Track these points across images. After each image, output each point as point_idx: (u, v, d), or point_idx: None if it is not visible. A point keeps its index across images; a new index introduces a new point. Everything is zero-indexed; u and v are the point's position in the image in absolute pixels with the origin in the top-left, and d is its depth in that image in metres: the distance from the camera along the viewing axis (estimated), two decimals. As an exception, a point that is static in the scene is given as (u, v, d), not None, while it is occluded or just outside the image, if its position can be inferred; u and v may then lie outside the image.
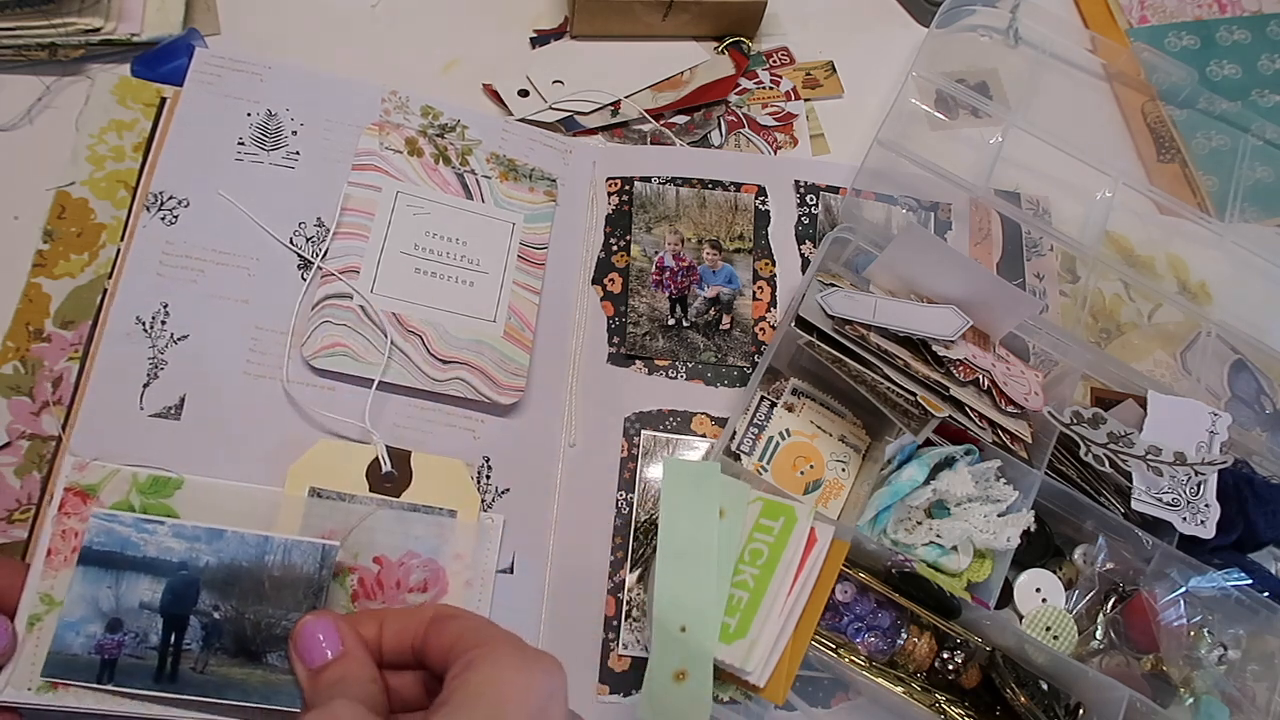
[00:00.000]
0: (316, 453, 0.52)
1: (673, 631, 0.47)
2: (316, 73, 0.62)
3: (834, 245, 0.62)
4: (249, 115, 0.60)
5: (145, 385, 0.52)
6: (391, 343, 0.55)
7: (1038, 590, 0.56)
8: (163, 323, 0.54)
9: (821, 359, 0.55)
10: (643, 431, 0.59)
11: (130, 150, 0.59)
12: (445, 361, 0.56)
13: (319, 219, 0.58)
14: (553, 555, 0.55)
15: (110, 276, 0.55)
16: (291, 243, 0.57)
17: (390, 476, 0.53)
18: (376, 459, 0.53)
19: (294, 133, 0.60)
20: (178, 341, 0.53)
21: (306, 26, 0.67)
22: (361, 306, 0.56)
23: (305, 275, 0.57)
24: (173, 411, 0.52)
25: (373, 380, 0.54)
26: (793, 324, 0.56)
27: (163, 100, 0.60)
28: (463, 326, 0.57)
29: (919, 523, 0.55)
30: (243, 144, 0.59)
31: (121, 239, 0.56)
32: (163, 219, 0.56)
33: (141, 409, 0.52)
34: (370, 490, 0.52)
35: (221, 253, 0.56)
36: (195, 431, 0.52)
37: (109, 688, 0.44)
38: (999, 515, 0.55)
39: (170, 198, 0.56)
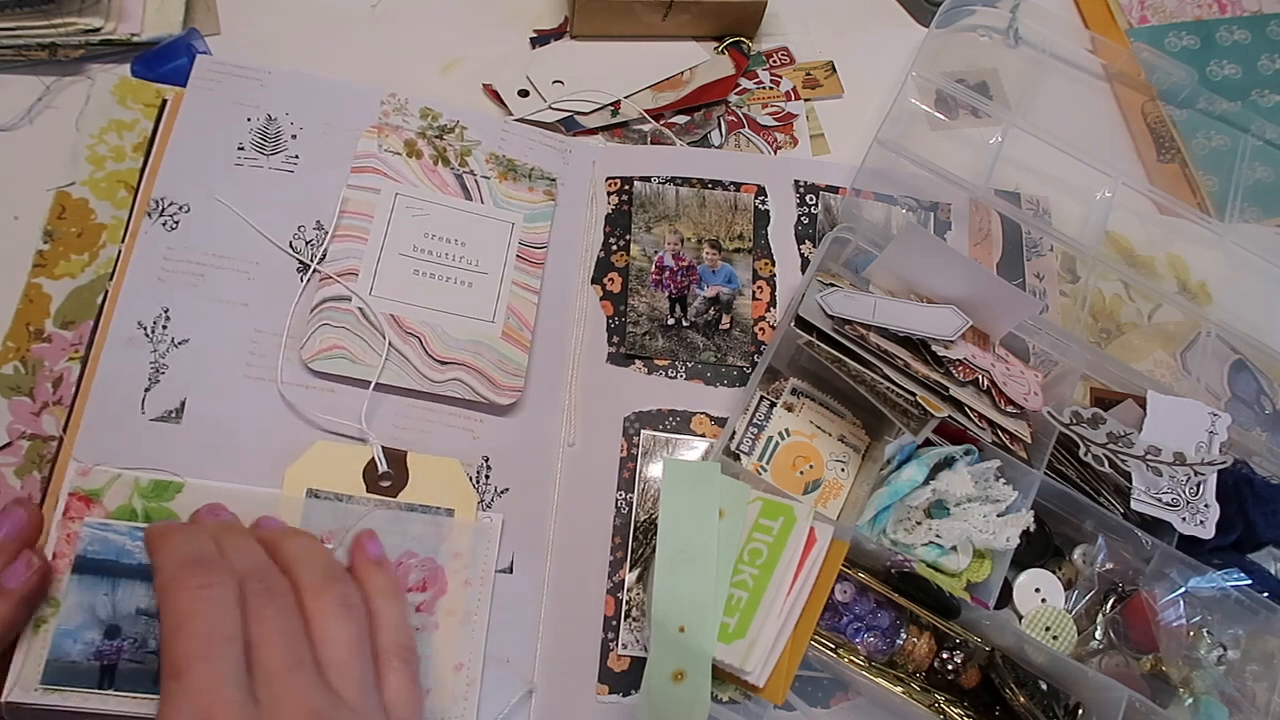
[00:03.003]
0: (313, 454, 0.52)
1: (672, 631, 0.47)
2: (316, 77, 0.62)
3: (834, 245, 0.62)
4: (249, 120, 0.60)
5: (147, 390, 0.52)
6: (389, 345, 0.55)
7: (1037, 590, 0.56)
8: (164, 327, 0.54)
9: (821, 359, 0.55)
10: (642, 431, 0.59)
11: (130, 150, 0.59)
12: (443, 363, 0.56)
13: (318, 222, 0.58)
14: (552, 555, 0.55)
15: (112, 278, 0.55)
16: (291, 246, 0.57)
17: (387, 476, 0.53)
18: (373, 459, 0.53)
19: (293, 137, 0.60)
20: (178, 345, 0.53)
21: (307, 26, 0.67)
22: (360, 309, 0.56)
23: (304, 278, 0.57)
24: (174, 415, 0.52)
25: (370, 382, 0.54)
26: (792, 324, 0.56)
27: (164, 102, 0.60)
28: (461, 327, 0.57)
29: (918, 523, 0.55)
30: (243, 149, 0.59)
31: (123, 240, 0.56)
32: (164, 224, 0.56)
33: (143, 413, 0.52)
34: (367, 491, 0.52)
35: (221, 257, 0.56)
36: (196, 435, 0.52)
37: (111, 692, 0.44)
38: (998, 515, 0.55)
39: (171, 203, 0.56)
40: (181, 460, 0.51)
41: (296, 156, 0.59)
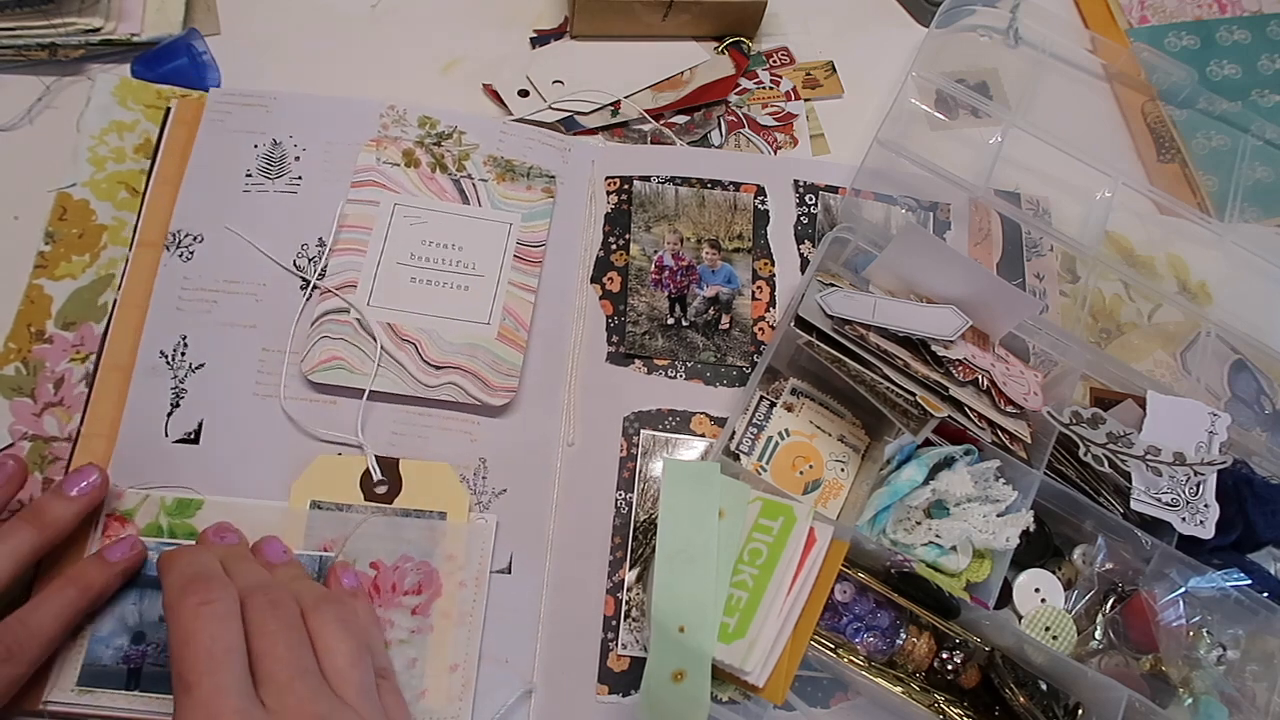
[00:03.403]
0: (315, 467, 0.53)
1: (671, 632, 0.47)
2: (317, 97, 0.63)
3: (833, 245, 0.62)
4: (256, 147, 0.61)
5: (169, 414, 0.54)
6: (383, 351, 0.56)
7: (1037, 590, 0.56)
8: (182, 354, 0.55)
9: (821, 359, 0.55)
10: (642, 431, 0.59)
11: (131, 152, 0.59)
12: (438, 367, 0.56)
13: (320, 239, 0.59)
14: (551, 555, 0.55)
15: (119, 288, 0.56)
16: (295, 265, 0.58)
17: (382, 484, 0.54)
18: (369, 468, 0.54)
19: (296, 158, 0.61)
20: (195, 370, 0.55)
21: (306, 26, 0.67)
22: (358, 319, 0.56)
23: (306, 294, 0.58)
24: (192, 436, 0.53)
25: (364, 391, 0.55)
26: (792, 324, 0.56)
27: (168, 109, 0.60)
28: (456, 331, 0.57)
29: (918, 523, 0.55)
30: (250, 175, 0.60)
31: (130, 247, 0.56)
32: (180, 256, 0.57)
33: (166, 436, 0.53)
34: (365, 499, 0.53)
35: (232, 282, 0.57)
36: (212, 454, 0.53)
37: (136, 693, 0.47)
38: (998, 515, 0.55)
39: (187, 235, 0.58)
40: (200, 478, 0.52)
41: (300, 177, 0.60)
